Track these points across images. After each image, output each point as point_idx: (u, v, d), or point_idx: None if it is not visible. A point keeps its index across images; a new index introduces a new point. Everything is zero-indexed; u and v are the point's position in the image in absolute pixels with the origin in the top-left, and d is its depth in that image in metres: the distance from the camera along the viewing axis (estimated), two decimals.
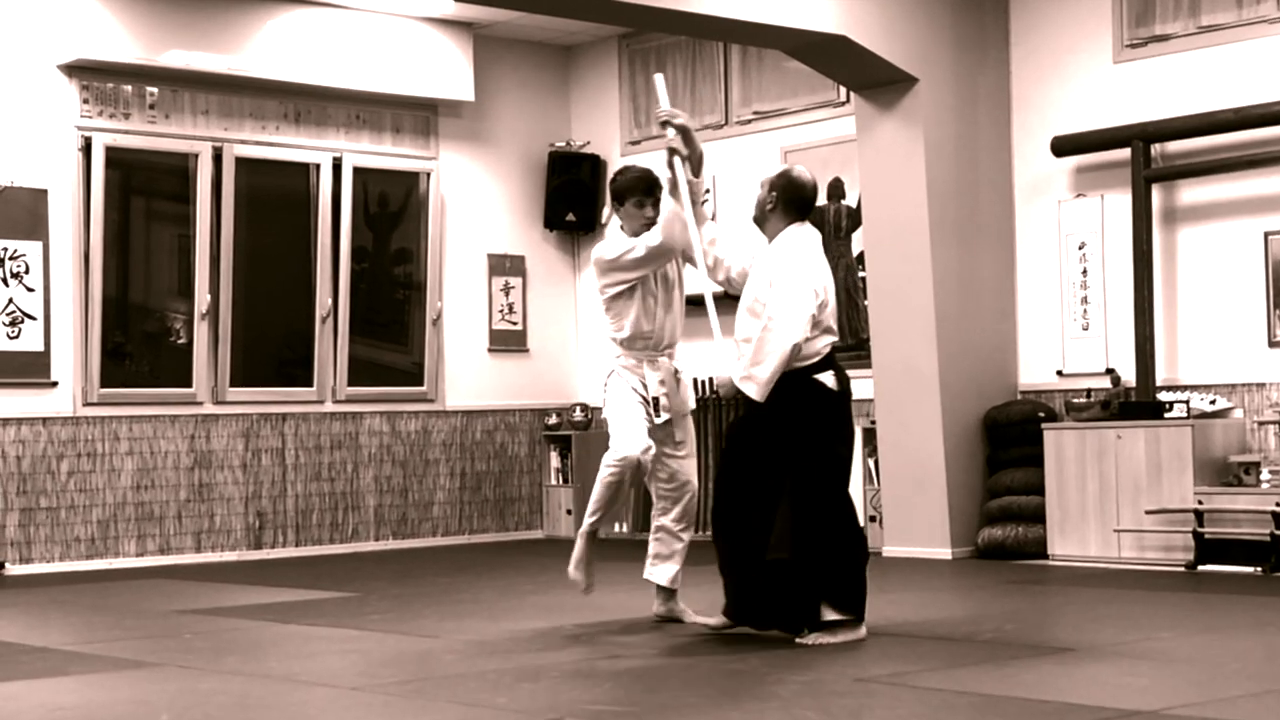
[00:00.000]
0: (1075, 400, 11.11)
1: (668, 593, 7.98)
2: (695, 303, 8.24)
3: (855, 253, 12.50)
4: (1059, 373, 11.56)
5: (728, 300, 7.96)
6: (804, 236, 7.48)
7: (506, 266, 14.30)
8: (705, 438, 12.95)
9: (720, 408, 13.11)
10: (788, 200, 7.52)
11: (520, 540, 13.85)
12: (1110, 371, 11.22)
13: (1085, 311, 11.44)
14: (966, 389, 11.48)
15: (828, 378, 7.32)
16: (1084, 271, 11.46)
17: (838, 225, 12.66)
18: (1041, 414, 11.30)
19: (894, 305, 11.53)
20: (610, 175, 7.89)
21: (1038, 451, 11.11)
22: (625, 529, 13.93)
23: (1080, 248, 11.48)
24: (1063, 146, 11.39)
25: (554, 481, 14.28)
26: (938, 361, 11.30)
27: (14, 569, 11.63)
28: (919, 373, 11.38)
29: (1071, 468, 10.87)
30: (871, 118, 11.58)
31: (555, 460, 14.28)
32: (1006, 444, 11.43)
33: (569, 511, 14.02)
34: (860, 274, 12.38)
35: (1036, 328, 11.72)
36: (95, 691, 6.39)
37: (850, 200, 12.55)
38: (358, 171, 13.31)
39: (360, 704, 5.98)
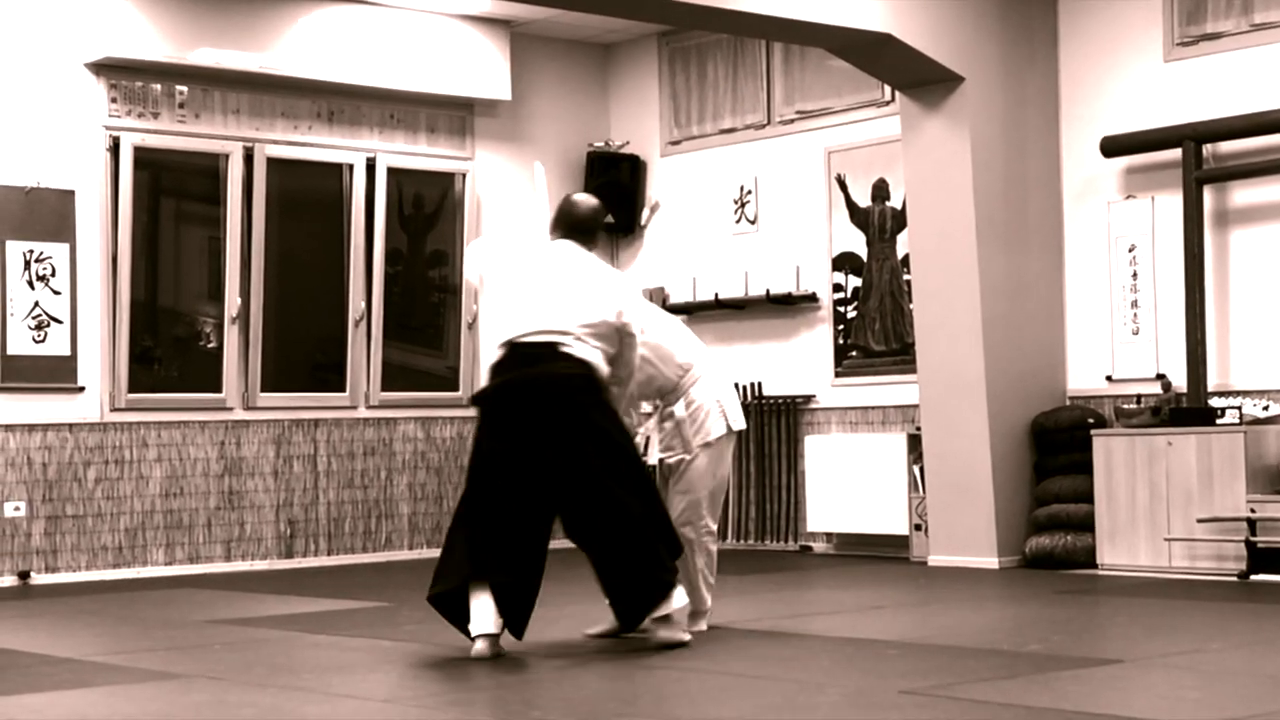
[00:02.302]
0: (1125, 406, 11.09)
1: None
2: None
3: (900, 255, 12.49)
4: (1108, 378, 11.54)
5: None
6: (548, 246, 7.74)
7: None
8: None
9: None
10: (554, 219, 7.84)
11: (556, 549, 13.81)
12: (1161, 377, 11.19)
13: (1135, 315, 11.42)
14: (1014, 395, 11.46)
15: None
16: (1134, 274, 11.44)
17: (882, 227, 12.66)
18: (1090, 420, 11.28)
19: (939, 309, 11.52)
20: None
21: (1087, 459, 11.09)
22: None
23: (1130, 250, 11.46)
24: (1112, 147, 11.37)
25: None
26: (984, 366, 11.28)
27: (40, 578, 11.68)
28: (965, 378, 11.36)
29: (1121, 475, 10.85)
30: (917, 117, 11.57)
31: None
32: (1055, 451, 11.40)
33: None
34: (905, 277, 12.38)
35: (1085, 332, 11.70)
36: (123, 703, 6.42)
37: (895, 202, 12.54)
38: (392, 172, 13.34)
39: (393, 718, 6.00)
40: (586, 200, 7.96)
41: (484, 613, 7.10)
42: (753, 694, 6.26)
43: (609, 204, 14.13)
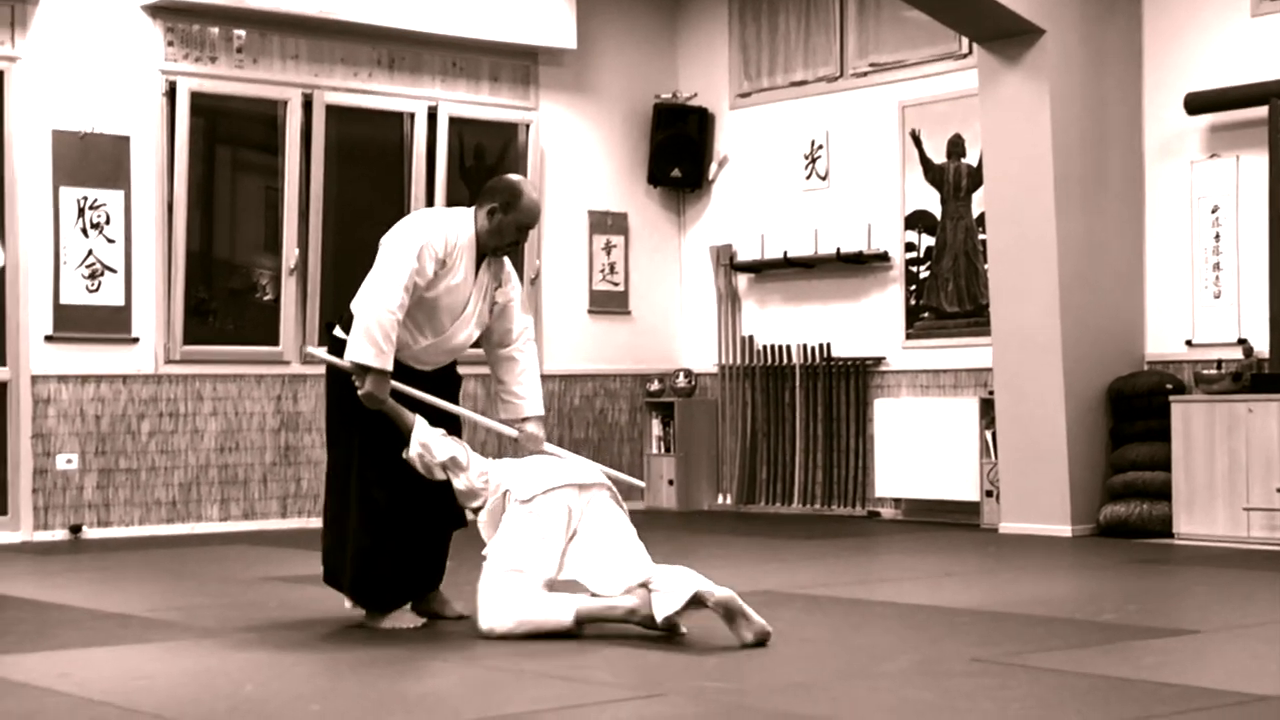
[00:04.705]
0: (1205, 371, 11.05)
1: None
2: None
3: (975, 214, 12.47)
4: (1188, 342, 11.50)
5: None
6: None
7: (608, 224, 14.36)
8: None
9: None
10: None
11: None
12: (1243, 342, 11.15)
13: (1217, 278, 11.38)
14: (1090, 359, 11.44)
15: None
16: (1216, 236, 11.39)
17: (957, 185, 12.63)
18: (1169, 386, 11.25)
19: (1015, 270, 11.50)
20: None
21: (1164, 425, 11.06)
22: (729, 501, 13.99)
23: (1213, 211, 11.41)
24: (1196, 104, 11.32)
25: (656, 450, 14.33)
26: (1060, 330, 11.26)
27: (91, 532, 11.79)
28: (1040, 341, 11.35)
29: (1200, 442, 10.82)
30: (995, 71, 11.54)
31: (657, 428, 14.33)
32: (1131, 417, 11.39)
33: (671, 482, 14.07)
34: (980, 236, 12.36)
35: (1165, 295, 11.66)
36: (178, 659, 6.48)
37: (970, 159, 12.52)
38: (454, 122, 13.38)
39: (454, 676, 6.05)
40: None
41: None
42: (823, 660, 6.29)
43: (676, 158, 14.27)
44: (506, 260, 7.44)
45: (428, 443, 7.02)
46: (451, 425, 7.28)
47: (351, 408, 7.13)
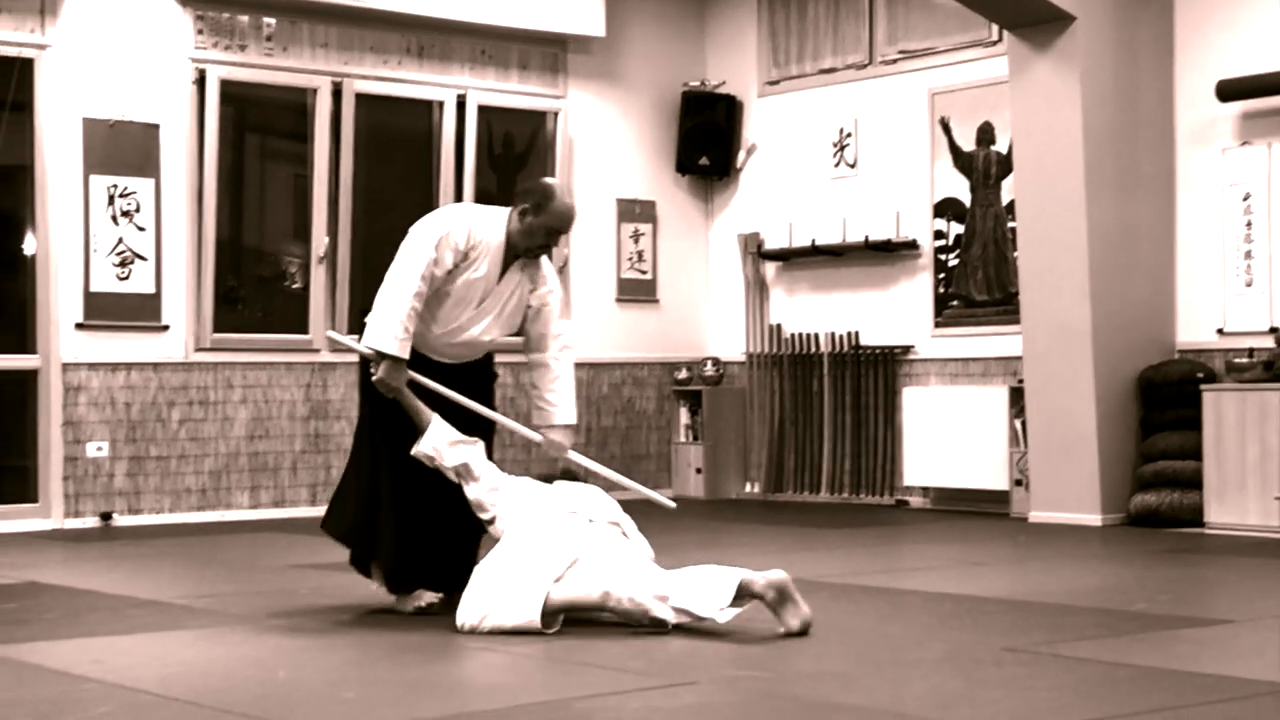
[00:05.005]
0: (1236, 360, 11.04)
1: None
2: None
3: (1005, 202, 12.46)
4: (1219, 331, 11.48)
5: None
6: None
7: (636, 212, 14.36)
8: None
9: None
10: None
11: (648, 500, 13.86)
12: (1274, 330, 11.13)
13: (1249, 267, 11.35)
14: (1120, 347, 11.42)
15: None
16: (1248, 224, 11.37)
17: (986, 172, 12.62)
18: (1200, 374, 11.23)
19: (1045, 258, 11.48)
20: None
21: (1195, 414, 11.05)
22: (757, 490, 13.99)
23: (1245, 199, 11.38)
24: (1228, 91, 11.29)
25: (683, 439, 14.35)
26: (1091, 318, 11.25)
27: (122, 519, 11.83)
28: (1070, 329, 11.33)
29: (1231, 431, 10.81)
30: (1025, 58, 11.52)
31: (685, 416, 14.33)
32: (1162, 406, 11.37)
33: (699, 470, 14.09)
34: (1009, 224, 12.34)
35: (1196, 283, 11.64)
36: (210, 646, 6.51)
37: (1000, 146, 12.50)
38: (482, 110, 13.39)
39: (485, 662, 6.07)
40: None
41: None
42: (853, 649, 6.29)
43: (704, 146, 14.27)
44: (547, 263, 7.43)
45: (439, 448, 7.04)
46: (481, 424, 7.28)
47: (373, 395, 7.20)
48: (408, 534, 7.20)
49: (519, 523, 6.87)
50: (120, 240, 11.82)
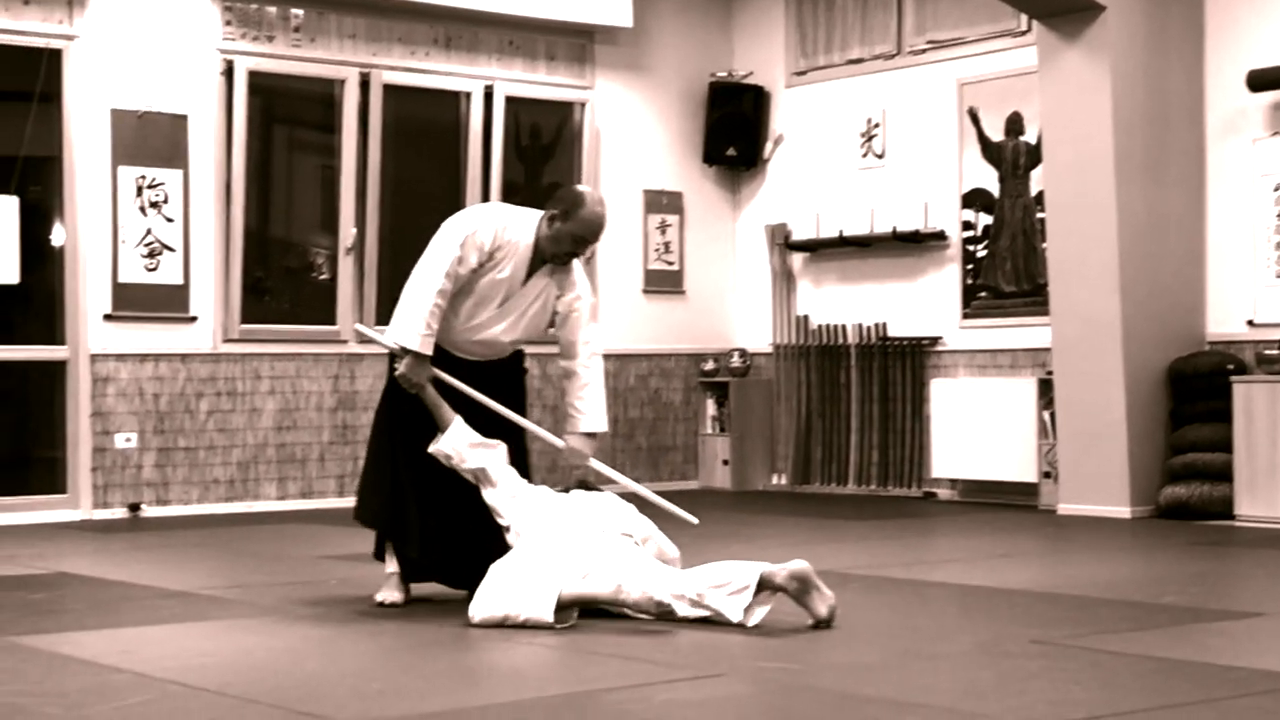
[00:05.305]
0: (1267, 352, 11.01)
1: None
2: None
3: (1033, 192, 12.43)
4: (1250, 322, 11.45)
5: None
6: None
7: (663, 203, 14.36)
8: None
9: None
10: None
11: (674, 490, 13.81)
12: None
13: (1279, 258, 11.34)
14: (1150, 338, 11.39)
15: None
16: (1279, 215, 11.34)
17: (1015, 163, 12.59)
18: (1230, 366, 11.20)
19: (1074, 249, 11.46)
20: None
21: (1225, 406, 11.02)
22: (784, 481, 13.98)
23: (1276, 189, 11.35)
24: (1259, 81, 11.26)
25: (710, 430, 14.34)
26: (1120, 309, 11.22)
27: (150, 510, 11.85)
28: (1100, 321, 11.31)
29: (1262, 423, 10.78)
30: (1054, 48, 11.49)
31: (711, 408, 14.33)
32: (1192, 397, 11.34)
33: (725, 462, 14.08)
34: (1039, 215, 12.32)
35: (1226, 274, 11.61)
36: (239, 637, 6.53)
37: (1029, 136, 12.47)
38: (510, 101, 13.39)
39: (513, 654, 6.08)
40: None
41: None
42: (882, 641, 6.29)
43: (731, 136, 14.26)
44: (579, 270, 7.42)
45: (458, 449, 7.06)
46: (506, 425, 7.29)
47: (396, 389, 7.27)
48: (431, 527, 7.25)
49: (533, 532, 6.87)
50: (148, 231, 11.84)
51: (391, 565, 7.35)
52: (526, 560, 6.72)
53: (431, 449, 7.11)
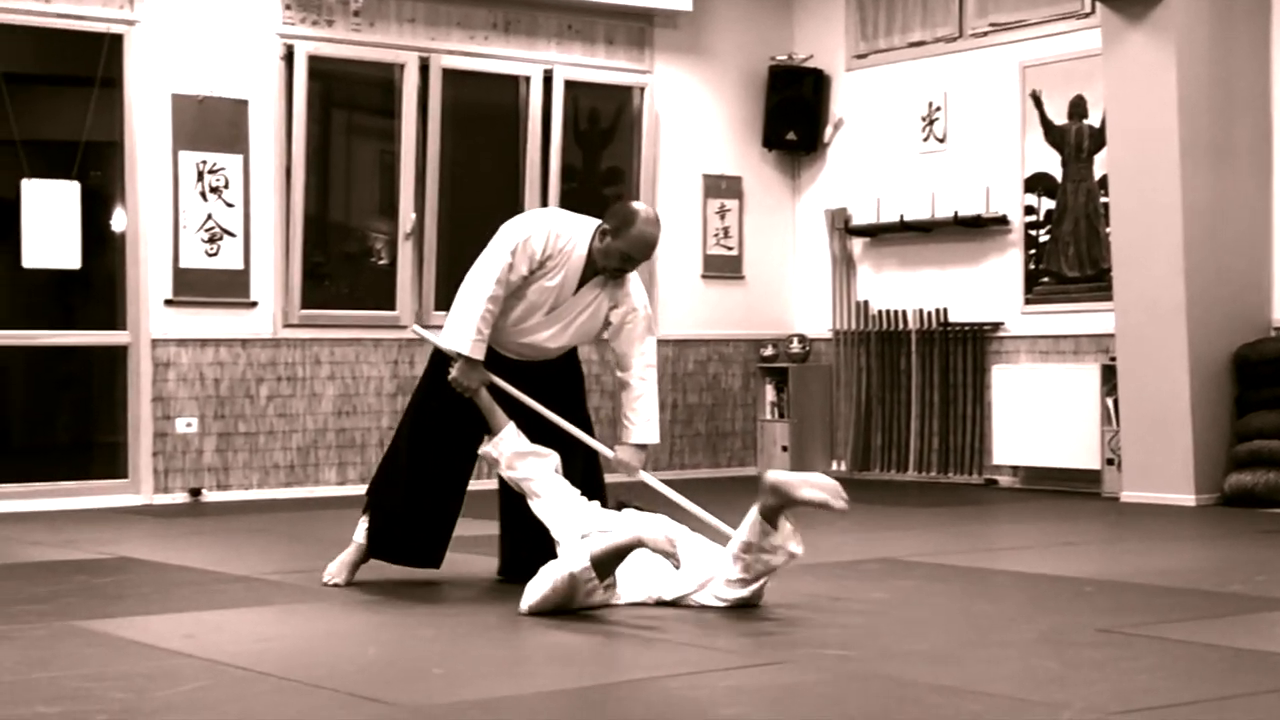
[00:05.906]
0: None
1: None
2: None
3: (1097, 176, 12.37)
4: None
5: None
6: None
7: (722, 188, 14.34)
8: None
9: None
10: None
11: (733, 477, 13.90)
12: None
13: None
14: (1216, 324, 11.32)
15: None
16: None
17: (1079, 146, 12.53)
18: None
19: (1139, 233, 11.40)
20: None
21: None
22: (843, 468, 13.95)
23: None
24: None
25: (769, 416, 14.33)
26: (1185, 294, 11.16)
27: (211, 495, 11.91)
28: (1164, 306, 11.24)
29: None
30: (1119, 29, 11.42)
31: (771, 394, 14.31)
32: (1258, 384, 11.27)
33: (784, 448, 14.06)
34: (1102, 199, 12.25)
35: None
36: (301, 621, 6.56)
37: (1093, 119, 12.41)
38: (569, 85, 13.38)
39: (575, 639, 6.08)
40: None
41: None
42: (944, 628, 6.28)
43: (791, 120, 14.23)
44: (636, 282, 7.44)
45: (507, 456, 7.16)
46: (558, 431, 7.33)
47: (434, 387, 7.43)
48: (416, 510, 7.46)
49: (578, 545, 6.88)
50: (209, 216, 11.88)
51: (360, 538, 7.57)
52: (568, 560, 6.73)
53: (481, 450, 7.20)
